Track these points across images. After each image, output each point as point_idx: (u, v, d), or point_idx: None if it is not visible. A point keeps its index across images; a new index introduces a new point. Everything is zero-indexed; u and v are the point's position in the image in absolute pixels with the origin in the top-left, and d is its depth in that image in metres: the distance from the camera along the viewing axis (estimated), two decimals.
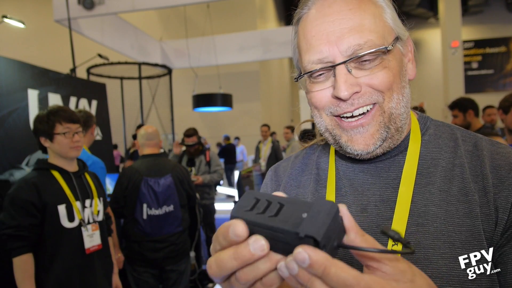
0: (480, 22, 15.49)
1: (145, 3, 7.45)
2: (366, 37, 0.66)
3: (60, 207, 2.03)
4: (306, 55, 0.71)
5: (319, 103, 0.72)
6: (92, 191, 2.25)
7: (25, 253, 1.92)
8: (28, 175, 2.07)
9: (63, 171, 2.13)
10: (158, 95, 8.31)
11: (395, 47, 0.70)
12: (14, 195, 1.96)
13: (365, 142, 0.70)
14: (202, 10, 11.44)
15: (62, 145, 2.06)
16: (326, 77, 0.71)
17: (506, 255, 0.58)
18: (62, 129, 2.05)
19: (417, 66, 0.78)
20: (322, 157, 0.86)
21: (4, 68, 3.47)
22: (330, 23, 0.68)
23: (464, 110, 3.61)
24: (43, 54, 12.61)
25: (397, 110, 0.69)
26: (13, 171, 2.96)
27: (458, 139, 0.74)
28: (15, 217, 1.92)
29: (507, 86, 14.97)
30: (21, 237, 1.91)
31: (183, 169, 3.29)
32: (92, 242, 2.12)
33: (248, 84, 13.37)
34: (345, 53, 0.67)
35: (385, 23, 0.71)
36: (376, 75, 0.67)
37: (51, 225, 1.99)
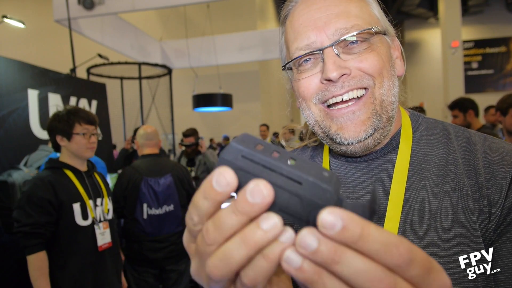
0: (480, 22, 15.49)
1: (145, 3, 7.45)
2: (353, 22, 0.67)
3: (75, 205, 2.07)
4: (294, 43, 0.72)
5: (306, 91, 0.71)
6: (102, 190, 2.30)
7: (40, 251, 1.94)
8: (42, 173, 2.09)
9: (76, 170, 2.17)
10: (158, 95, 8.30)
11: (381, 36, 0.71)
12: (30, 193, 1.97)
13: (356, 129, 0.68)
14: (202, 10, 11.44)
15: (79, 145, 2.11)
16: (313, 64, 0.71)
17: (496, 252, 0.56)
18: (81, 129, 2.10)
19: (417, 66, 0.79)
20: (315, 157, 0.85)
21: (4, 68, 3.47)
22: (316, 10, 0.69)
23: (464, 110, 3.61)
24: (43, 54, 12.61)
25: (388, 98, 0.69)
26: (11, 172, 2.96)
27: (451, 135, 0.74)
28: (32, 214, 1.93)
29: (507, 86, 14.96)
30: (37, 234, 1.93)
31: (183, 169, 3.29)
32: (104, 240, 2.17)
33: (248, 84, 13.36)
34: (332, 37, 0.67)
35: (371, 13, 0.72)
36: (366, 58, 0.67)
37: (66, 223, 2.03)
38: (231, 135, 12.50)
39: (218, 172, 0.31)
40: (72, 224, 2.05)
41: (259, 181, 0.30)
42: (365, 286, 0.28)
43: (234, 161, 0.32)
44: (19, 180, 2.89)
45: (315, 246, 0.28)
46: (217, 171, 0.31)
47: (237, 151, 0.32)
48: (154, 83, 8.29)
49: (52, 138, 2.14)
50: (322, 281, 0.29)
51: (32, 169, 3.02)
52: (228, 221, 0.31)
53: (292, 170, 0.30)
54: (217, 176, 0.31)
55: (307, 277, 0.29)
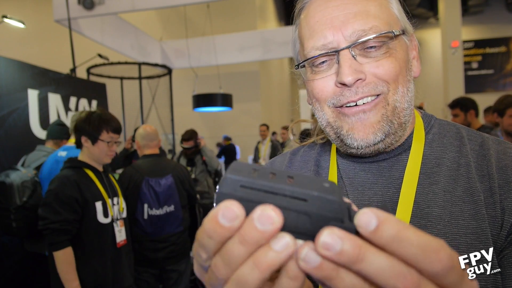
0: (480, 22, 15.48)
1: (145, 3, 7.45)
2: (371, 23, 0.64)
3: (97, 204, 2.17)
4: (310, 41, 0.69)
5: (321, 94, 0.69)
6: (117, 189, 2.40)
7: (68, 246, 2.03)
8: (67, 172, 2.16)
9: (95, 170, 2.26)
10: (158, 95, 8.29)
11: (401, 37, 0.68)
12: (58, 191, 2.06)
13: (365, 130, 0.66)
14: (202, 10, 11.43)
15: (101, 151, 2.18)
16: (329, 66, 0.68)
17: (506, 259, 0.55)
18: (107, 137, 2.17)
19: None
20: (322, 155, 0.83)
21: (4, 68, 3.47)
22: (334, 8, 0.66)
23: (465, 109, 3.61)
24: (43, 54, 12.60)
25: (401, 104, 0.67)
26: (8, 172, 2.96)
27: (464, 138, 0.71)
28: (60, 212, 2.02)
29: (507, 86, 14.96)
30: (66, 231, 2.02)
31: (184, 169, 3.29)
32: (121, 237, 2.29)
33: (248, 84, 13.36)
34: (349, 38, 0.64)
35: (391, 12, 0.69)
36: (382, 64, 0.65)
37: (89, 221, 2.12)
38: (231, 135, 12.49)
39: (224, 206, 0.29)
40: (95, 221, 2.15)
41: (265, 207, 0.29)
42: (388, 283, 0.27)
43: (234, 192, 0.30)
44: (17, 181, 2.88)
45: (340, 247, 0.27)
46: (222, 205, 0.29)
47: (234, 182, 0.30)
48: (154, 83, 8.28)
49: (77, 136, 2.20)
50: (340, 276, 0.28)
51: (30, 170, 3.01)
52: (237, 253, 0.29)
53: (294, 189, 0.30)
54: (223, 211, 0.29)
55: (325, 274, 0.28)
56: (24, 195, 2.90)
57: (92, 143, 2.18)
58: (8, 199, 2.85)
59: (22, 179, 2.90)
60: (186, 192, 3.18)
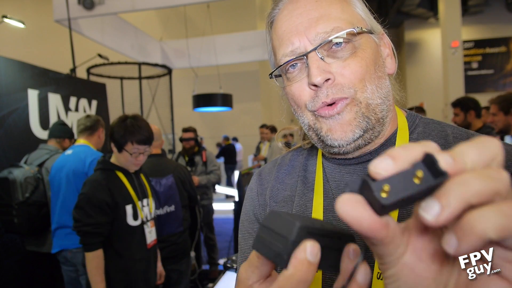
0: (480, 22, 15.48)
1: (145, 3, 7.45)
2: (333, 24, 0.66)
3: (128, 207, 2.20)
4: (280, 50, 0.71)
5: (299, 98, 0.71)
6: (147, 190, 2.40)
7: (99, 249, 2.08)
8: (99, 176, 2.19)
9: (126, 172, 2.27)
10: (158, 95, 8.29)
11: (367, 35, 0.69)
12: (91, 195, 2.10)
13: (343, 129, 0.67)
14: (202, 10, 11.44)
15: (126, 160, 2.21)
16: (300, 70, 0.70)
17: None
18: (131, 148, 2.17)
19: (417, 66, 0.77)
20: (309, 159, 0.84)
21: (4, 68, 3.47)
22: (298, 16, 0.69)
23: (466, 109, 3.62)
24: (43, 54, 12.61)
25: (373, 101, 0.68)
26: (11, 169, 2.97)
27: (449, 136, 0.72)
28: (93, 215, 2.06)
29: (507, 86, 14.96)
30: (98, 233, 2.07)
31: (185, 170, 3.29)
32: (151, 238, 2.31)
33: (248, 84, 13.37)
34: (313, 41, 0.67)
35: (354, 13, 0.71)
36: (348, 64, 0.66)
37: (119, 223, 2.16)
38: (231, 135, 12.50)
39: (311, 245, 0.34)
40: (124, 224, 2.17)
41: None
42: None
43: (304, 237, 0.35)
44: (19, 177, 2.90)
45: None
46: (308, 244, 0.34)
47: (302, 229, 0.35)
48: (154, 83, 8.28)
49: (109, 140, 2.24)
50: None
51: (32, 166, 3.03)
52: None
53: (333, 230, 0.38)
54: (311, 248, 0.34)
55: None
56: (27, 191, 2.92)
57: (118, 151, 2.20)
58: (10, 195, 2.87)
59: (25, 175, 2.92)
60: (186, 192, 3.18)
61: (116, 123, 2.21)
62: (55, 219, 2.81)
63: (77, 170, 2.74)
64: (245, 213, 0.86)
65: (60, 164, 2.81)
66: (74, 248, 2.73)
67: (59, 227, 2.78)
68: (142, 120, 2.24)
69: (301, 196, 0.78)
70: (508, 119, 3.05)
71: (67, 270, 2.82)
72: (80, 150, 2.85)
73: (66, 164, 2.78)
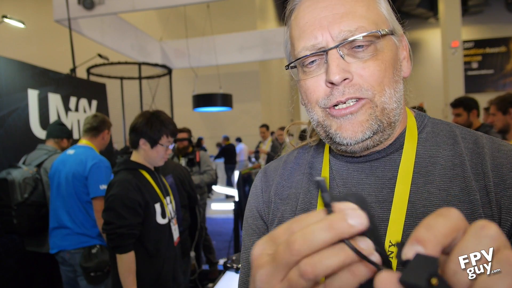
0: (480, 22, 15.49)
1: (145, 3, 7.45)
2: (358, 23, 0.65)
3: (156, 206, 2.18)
4: (300, 41, 0.70)
5: (313, 94, 0.70)
6: (168, 189, 2.39)
7: (131, 251, 2.03)
8: (126, 175, 2.14)
9: (150, 170, 2.25)
10: (158, 95, 8.30)
11: (389, 37, 0.69)
12: (123, 196, 2.04)
13: (353, 129, 0.67)
14: (202, 10, 11.44)
15: (158, 155, 2.19)
16: (318, 66, 0.69)
17: None
18: (165, 141, 2.18)
19: (417, 66, 0.77)
20: (315, 157, 0.83)
21: (4, 68, 3.47)
22: (322, 9, 0.68)
23: (469, 109, 3.63)
24: (43, 54, 12.61)
25: (389, 105, 0.67)
26: (10, 170, 2.97)
27: (457, 137, 0.72)
28: (126, 216, 2.01)
29: (507, 86, 14.96)
30: (132, 235, 2.03)
31: (184, 170, 3.29)
32: (176, 235, 2.33)
33: (248, 84, 13.37)
34: (336, 38, 0.66)
35: (379, 12, 0.69)
36: (368, 65, 0.65)
37: (150, 223, 2.13)
38: (231, 135, 12.50)
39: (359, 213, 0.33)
40: (154, 223, 2.14)
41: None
42: None
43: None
44: (18, 178, 2.89)
45: None
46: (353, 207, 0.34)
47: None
48: (154, 83, 8.29)
49: (135, 138, 2.17)
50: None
51: (31, 167, 3.03)
52: (320, 237, 0.33)
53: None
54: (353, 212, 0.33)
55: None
56: (26, 191, 2.91)
57: (151, 146, 2.17)
58: (9, 195, 2.86)
59: (23, 176, 2.92)
60: (186, 192, 3.18)
61: (144, 121, 2.16)
62: (54, 218, 2.80)
63: (77, 173, 2.73)
64: (249, 209, 0.86)
65: (61, 162, 2.81)
66: (73, 249, 2.73)
67: (57, 227, 2.77)
68: (167, 115, 2.26)
69: (306, 193, 0.78)
70: (506, 118, 3.06)
71: (65, 271, 2.82)
72: (82, 152, 2.83)
73: (67, 165, 2.77)
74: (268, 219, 0.82)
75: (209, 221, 6.43)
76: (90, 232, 2.77)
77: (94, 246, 2.75)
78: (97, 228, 2.76)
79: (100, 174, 2.75)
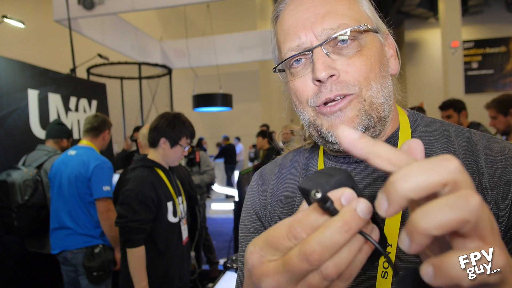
0: (480, 22, 15.49)
1: (145, 3, 7.45)
2: (339, 21, 0.67)
3: (169, 204, 2.25)
4: (285, 44, 0.72)
5: (301, 93, 0.71)
6: (181, 189, 2.47)
7: (142, 245, 2.10)
8: (142, 172, 2.22)
9: (165, 169, 2.32)
10: (158, 95, 8.30)
11: (372, 34, 0.70)
12: (138, 191, 2.12)
13: (344, 125, 0.67)
14: (202, 10, 11.44)
15: (176, 155, 2.28)
16: (304, 65, 0.70)
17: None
18: (185, 143, 2.29)
19: (417, 66, 0.77)
20: (310, 159, 0.84)
21: (4, 68, 3.47)
22: (304, 11, 0.69)
23: (459, 110, 3.75)
24: (43, 54, 12.61)
25: (377, 99, 0.68)
26: (10, 172, 2.96)
27: (451, 135, 0.72)
28: (138, 211, 2.09)
29: (507, 86, 14.96)
30: (142, 230, 2.10)
31: (184, 170, 3.29)
32: (185, 235, 2.38)
33: (248, 84, 13.37)
34: (320, 37, 0.67)
35: (361, 11, 0.71)
36: (353, 61, 0.67)
37: (161, 220, 2.20)
38: (231, 135, 12.50)
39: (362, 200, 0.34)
40: (165, 221, 2.22)
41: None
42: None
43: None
44: (18, 180, 2.89)
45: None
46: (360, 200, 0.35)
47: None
48: (154, 83, 8.28)
49: (156, 137, 2.25)
50: None
51: (31, 168, 3.02)
52: (339, 240, 0.33)
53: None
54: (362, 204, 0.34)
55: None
56: (26, 193, 2.91)
57: (170, 146, 2.25)
58: (10, 198, 2.86)
59: (23, 178, 2.91)
60: (186, 192, 3.17)
61: (166, 122, 2.25)
62: (55, 218, 2.80)
63: (80, 174, 2.73)
64: (246, 212, 0.87)
65: (62, 163, 2.80)
66: (75, 249, 2.73)
67: (58, 227, 2.77)
68: (185, 116, 2.38)
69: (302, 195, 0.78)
70: (508, 120, 3.07)
71: (67, 270, 2.82)
72: (84, 153, 2.82)
73: (69, 165, 2.76)
74: (265, 221, 0.82)
75: (209, 221, 6.43)
76: (92, 232, 2.77)
77: (96, 246, 2.75)
78: (100, 228, 2.76)
79: (103, 175, 2.75)
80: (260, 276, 0.36)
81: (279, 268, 0.35)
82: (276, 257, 0.36)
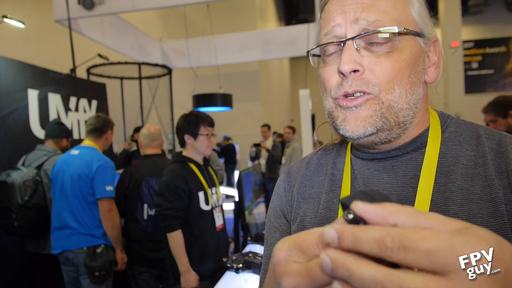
0: (480, 22, 15.49)
1: (145, 3, 7.45)
2: (377, 17, 0.66)
3: (200, 193, 2.52)
4: (323, 29, 0.72)
5: (327, 83, 0.71)
6: (215, 181, 2.74)
7: (178, 229, 2.40)
8: (175, 166, 2.52)
9: (197, 163, 2.61)
10: (158, 95, 8.29)
11: (411, 38, 0.68)
12: (170, 183, 2.42)
13: (356, 123, 0.67)
14: (202, 10, 11.43)
15: (203, 144, 2.54)
16: (337, 56, 0.71)
17: None
18: (205, 131, 2.53)
19: None
20: (338, 157, 0.84)
21: (4, 68, 3.47)
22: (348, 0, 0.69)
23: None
24: (43, 54, 12.60)
25: (398, 104, 0.67)
26: (9, 172, 2.96)
27: (481, 137, 0.71)
28: (172, 200, 2.38)
29: (507, 86, 14.96)
30: (176, 216, 2.39)
31: None
32: (219, 222, 2.63)
33: (248, 84, 13.36)
34: (354, 26, 0.67)
35: (407, 13, 0.69)
36: (380, 61, 0.65)
37: (194, 208, 2.48)
38: (231, 135, 12.50)
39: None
40: (198, 208, 2.49)
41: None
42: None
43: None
44: (18, 180, 2.88)
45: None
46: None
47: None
48: (154, 83, 8.28)
49: (180, 136, 2.56)
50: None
51: (31, 169, 3.02)
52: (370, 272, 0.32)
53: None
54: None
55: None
56: (26, 194, 2.90)
57: (194, 139, 2.52)
58: (9, 198, 2.86)
59: (23, 178, 2.91)
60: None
61: (182, 120, 2.54)
62: (56, 218, 2.80)
63: (83, 174, 2.73)
64: (272, 208, 0.88)
65: (65, 163, 2.80)
66: (76, 249, 2.73)
67: (60, 227, 2.77)
68: (201, 112, 2.62)
69: (328, 192, 0.79)
70: (508, 121, 3.02)
71: (68, 270, 2.82)
72: (87, 153, 2.83)
73: (71, 165, 2.76)
74: (290, 218, 0.84)
75: None
76: (95, 232, 2.77)
77: (98, 246, 2.75)
78: (102, 228, 2.77)
79: (106, 175, 2.76)
80: (282, 273, 0.38)
81: (302, 271, 0.36)
82: (302, 260, 0.37)
